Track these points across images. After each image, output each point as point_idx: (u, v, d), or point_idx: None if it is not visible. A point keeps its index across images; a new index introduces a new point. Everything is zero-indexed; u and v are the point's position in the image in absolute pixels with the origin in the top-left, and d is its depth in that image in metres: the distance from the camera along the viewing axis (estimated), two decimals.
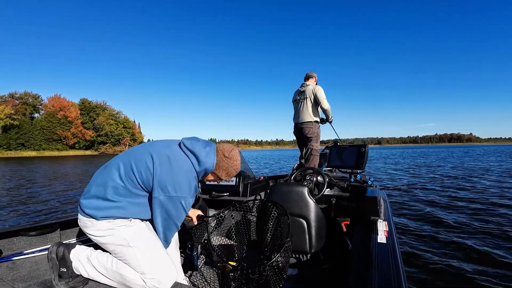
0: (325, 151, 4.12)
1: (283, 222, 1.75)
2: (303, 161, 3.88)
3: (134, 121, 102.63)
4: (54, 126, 70.75)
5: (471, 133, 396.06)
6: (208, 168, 1.44)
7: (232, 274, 1.46)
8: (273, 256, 1.41)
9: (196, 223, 1.82)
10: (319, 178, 2.61)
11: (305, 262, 2.29)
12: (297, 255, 2.25)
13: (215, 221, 1.90)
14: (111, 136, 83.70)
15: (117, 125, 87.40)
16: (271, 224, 1.92)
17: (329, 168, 3.32)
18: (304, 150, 3.89)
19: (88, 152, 77.35)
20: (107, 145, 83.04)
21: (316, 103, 3.84)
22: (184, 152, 1.41)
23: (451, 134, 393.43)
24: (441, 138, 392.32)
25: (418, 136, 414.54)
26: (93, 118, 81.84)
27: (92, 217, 1.30)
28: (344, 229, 2.25)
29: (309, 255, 2.11)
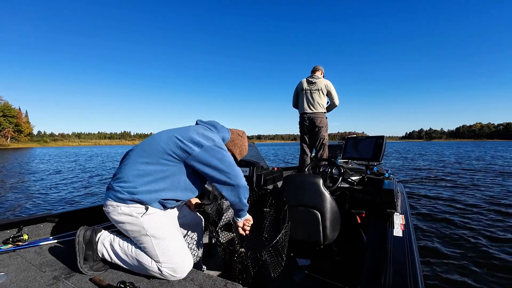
0: (341, 142, 4.08)
1: (281, 209, 1.80)
2: (305, 149, 3.91)
3: (20, 108, 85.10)
4: None
5: (363, 132, 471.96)
6: (225, 136, 1.55)
7: (236, 258, 1.48)
8: (271, 241, 1.45)
9: (194, 210, 1.82)
10: (334, 170, 2.57)
11: (318, 253, 2.24)
12: (310, 246, 2.18)
13: (213, 208, 1.89)
14: None
15: None
16: (268, 212, 1.93)
17: (344, 160, 3.27)
18: (315, 141, 3.82)
19: None
20: None
21: (326, 96, 3.85)
22: (200, 125, 1.54)
23: (349, 132, 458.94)
24: (342, 136, 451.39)
25: None
26: None
27: (114, 200, 1.33)
28: (359, 221, 2.22)
29: (322, 246, 2.09)
